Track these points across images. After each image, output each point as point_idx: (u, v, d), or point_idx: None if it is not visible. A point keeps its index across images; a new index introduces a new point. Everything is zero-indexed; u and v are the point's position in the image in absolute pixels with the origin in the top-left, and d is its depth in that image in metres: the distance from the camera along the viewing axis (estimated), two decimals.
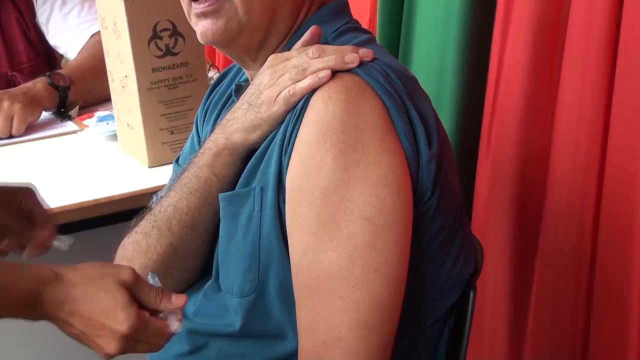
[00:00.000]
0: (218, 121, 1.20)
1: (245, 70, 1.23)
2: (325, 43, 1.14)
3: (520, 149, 1.63)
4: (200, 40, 1.17)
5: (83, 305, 0.90)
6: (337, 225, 1.01)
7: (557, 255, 1.57)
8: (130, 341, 0.92)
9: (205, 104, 1.32)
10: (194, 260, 1.21)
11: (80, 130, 1.95)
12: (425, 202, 1.09)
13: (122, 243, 1.24)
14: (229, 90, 1.28)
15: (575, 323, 1.57)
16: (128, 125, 1.75)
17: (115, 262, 1.20)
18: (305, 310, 1.04)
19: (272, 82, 1.11)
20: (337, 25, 1.19)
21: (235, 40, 1.16)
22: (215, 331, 1.16)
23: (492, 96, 1.70)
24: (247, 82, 1.22)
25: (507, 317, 1.70)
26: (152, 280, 0.98)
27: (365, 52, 1.10)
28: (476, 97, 1.75)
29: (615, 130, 1.44)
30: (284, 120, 1.10)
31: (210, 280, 1.19)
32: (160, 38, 1.65)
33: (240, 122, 1.13)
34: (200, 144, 1.24)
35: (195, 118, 1.34)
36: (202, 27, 1.15)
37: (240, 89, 1.20)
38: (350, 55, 1.08)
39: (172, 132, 1.71)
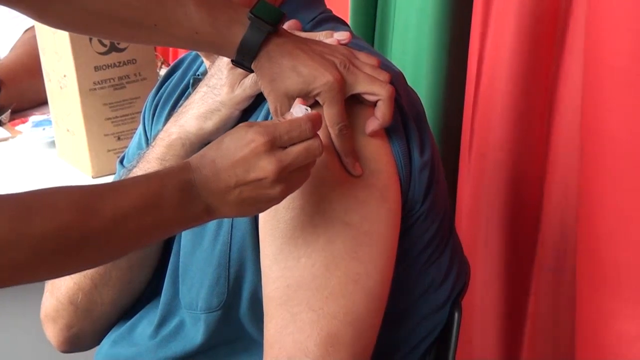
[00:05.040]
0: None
1: (206, 61, 1.16)
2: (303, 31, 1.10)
3: (512, 147, 1.56)
4: None
5: (223, 162, 0.90)
6: (315, 230, 0.97)
7: (561, 268, 1.49)
8: (284, 175, 0.91)
9: (153, 101, 1.26)
10: (140, 270, 1.17)
11: (12, 137, 1.90)
12: (414, 213, 1.05)
13: None
14: (182, 84, 1.21)
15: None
16: (68, 130, 1.69)
17: None
18: (272, 322, 0.99)
19: None
20: (314, 13, 1.14)
21: None
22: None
23: (472, 92, 1.63)
24: (206, 74, 1.16)
25: (499, 340, 1.63)
26: (300, 111, 0.95)
27: (342, 35, 1.04)
28: (458, 95, 1.69)
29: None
30: (245, 106, 1.06)
31: (165, 300, 1.13)
32: None
33: (196, 107, 1.08)
34: (148, 144, 1.18)
35: (142, 114, 1.27)
36: None
37: (197, 83, 1.14)
38: (327, 41, 1.04)
39: (118, 138, 1.66)
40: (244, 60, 0.97)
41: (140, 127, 1.27)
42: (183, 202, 0.90)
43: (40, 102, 1.92)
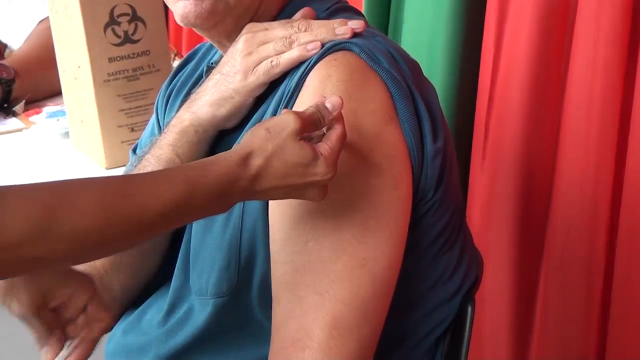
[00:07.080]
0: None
1: (221, 51, 1.16)
2: None
3: (522, 145, 1.57)
4: (179, 22, 1.09)
5: (274, 179, 0.92)
6: (323, 214, 0.97)
7: (566, 265, 1.49)
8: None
9: (167, 90, 1.26)
10: (151, 256, 1.17)
11: (26, 128, 1.89)
12: (427, 202, 1.05)
13: None
14: (196, 74, 1.22)
15: (587, 344, 1.49)
16: (82, 121, 1.68)
17: None
18: (280, 306, 1.00)
19: (251, 49, 1.05)
20: (329, 3, 1.14)
21: (220, 23, 1.09)
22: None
23: (488, 86, 1.64)
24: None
25: (509, 335, 1.63)
26: None
27: (357, 24, 1.06)
28: (471, 86, 1.69)
29: (636, 123, 1.37)
30: (258, 94, 1.07)
31: (175, 287, 1.12)
32: (118, 24, 1.60)
33: (209, 94, 1.08)
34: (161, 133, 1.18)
35: (155, 103, 1.28)
36: (183, 8, 1.07)
37: (211, 71, 1.14)
38: (341, 28, 1.05)
39: (132, 130, 1.65)
40: None
41: (154, 117, 1.27)
42: (214, 206, 0.90)
43: (54, 93, 1.92)
